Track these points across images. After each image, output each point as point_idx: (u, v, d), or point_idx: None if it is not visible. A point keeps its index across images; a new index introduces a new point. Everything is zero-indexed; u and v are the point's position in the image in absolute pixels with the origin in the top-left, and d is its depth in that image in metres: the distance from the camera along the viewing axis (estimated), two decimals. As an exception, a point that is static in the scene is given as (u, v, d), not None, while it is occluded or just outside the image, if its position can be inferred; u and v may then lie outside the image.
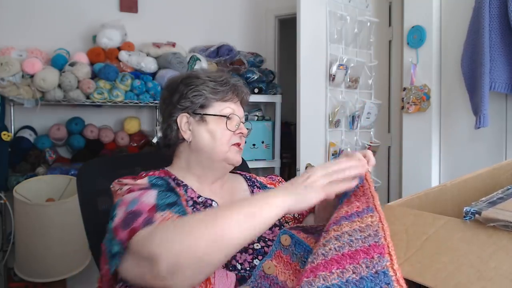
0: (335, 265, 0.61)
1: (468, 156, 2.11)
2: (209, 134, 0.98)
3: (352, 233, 0.66)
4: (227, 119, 0.99)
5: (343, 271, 0.60)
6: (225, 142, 0.98)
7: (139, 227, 0.75)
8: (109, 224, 0.82)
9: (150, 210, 0.80)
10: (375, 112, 2.41)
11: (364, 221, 0.68)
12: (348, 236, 0.66)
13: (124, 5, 2.80)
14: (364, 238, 0.64)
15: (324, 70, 2.26)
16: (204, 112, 0.99)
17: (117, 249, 0.76)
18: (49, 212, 1.98)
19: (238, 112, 1.02)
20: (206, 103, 0.99)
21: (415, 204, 0.80)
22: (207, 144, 0.98)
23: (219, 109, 1.00)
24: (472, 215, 0.64)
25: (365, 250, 0.62)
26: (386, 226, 0.66)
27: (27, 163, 2.40)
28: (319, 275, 0.60)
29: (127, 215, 0.79)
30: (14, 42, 2.43)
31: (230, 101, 1.01)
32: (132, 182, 0.92)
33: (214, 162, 0.99)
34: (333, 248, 0.64)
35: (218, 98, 1.00)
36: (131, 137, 2.72)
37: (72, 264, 2.05)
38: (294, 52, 2.21)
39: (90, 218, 1.13)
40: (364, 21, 2.37)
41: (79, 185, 1.15)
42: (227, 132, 0.98)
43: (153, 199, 0.83)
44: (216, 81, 1.01)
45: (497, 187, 0.79)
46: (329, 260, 0.62)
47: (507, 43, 1.83)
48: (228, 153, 0.99)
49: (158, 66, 2.57)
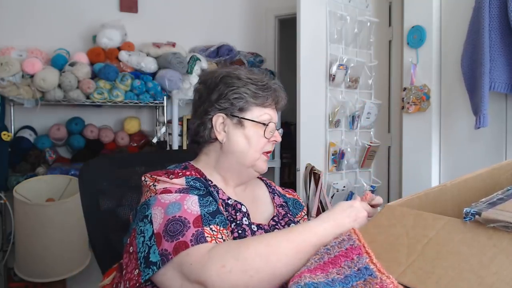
0: (319, 271, 0.64)
1: (468, 156, 2.11)
2: (245, 139, 0.96)
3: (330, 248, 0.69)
4: (266, 126, 0.96)
5: (327, 274, 0.63)
6: (258, 149, 0.97)
7: (189, 243, 0.74)
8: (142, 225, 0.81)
9: (196, 221, 0.78)
10: (375, 112, 2.41)
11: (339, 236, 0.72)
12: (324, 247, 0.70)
13: (124, 5, 2.80)
14: (340, 243, 0.68)
15: (324, 70, 2.26)
16: (242, 116, 0.96)
17: (157, 259, 0.75)
18: (49, 212, 1.98)
19: (274, 118, 1.00)
20: (245, 106, 0.96)
21: (415, 204, 0.80)
22: (241, 148, 0.96)
23: (258, 114, 0.96)
24: (472, 216, 0.63)
25: (343, 254, 0.65)
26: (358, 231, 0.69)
27: (27, 163, 2.41)
28: (304, 276, 0.63)
29: (170, 222, 0.77)
30: (14, 42, 2.43)
31: (269, 107, 0.99)
32: (168, 180, 0.88)
33: (243, 167, 0.98)
34: (313, 261, 0.67)
35: (258, 103, 0.97)
36: (131, 137, 2.72)
37: (72, 264, 2.05)
38: (294, 52, 2.21)
39: (92, 218, 1.13)
40: (364, 21, 2.37)
41: (81, 185, 1.15)
42: (262, 139, 0.96)
43: (197, 207, 0.82)
44: (258, 85, 0.97)
45: (497, 187, 0.79)
46: (312, 269, 0.65)
47: (507, 43, 1.83)
48: (258, 160, 0.97)
49: (158, 66, 2.57)
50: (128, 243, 0.85)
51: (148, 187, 0.89)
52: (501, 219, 0.59)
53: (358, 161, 2.43)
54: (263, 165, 0.99)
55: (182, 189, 0.86)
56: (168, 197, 0.83)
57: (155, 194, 0.85)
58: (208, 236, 0.77)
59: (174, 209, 0.80)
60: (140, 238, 0.80)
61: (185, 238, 0.75)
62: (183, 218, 0.78)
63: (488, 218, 0.61)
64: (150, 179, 0.89)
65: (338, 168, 2.34)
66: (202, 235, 0.76)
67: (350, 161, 2.38)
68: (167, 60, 2.52)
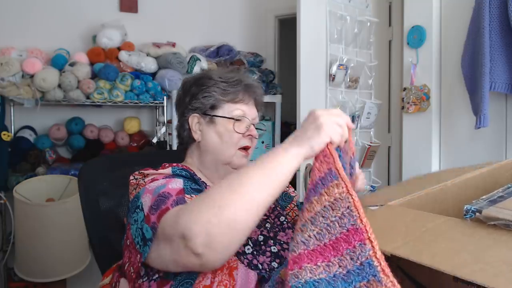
0: (319, 257, 0.60)
1: (468, 156, 2.11)
2: (217, 136, 0.98)
3: (325, 213, 0.63)
4: (235, 121, 0.98)
5: (328, 265, 0.60)
6: (232, 145, 0.97)
7: (170, 207, 0.75)
8: (135, 216, 0.81)
9: (179, 193, 0.80)
10: (375, 112, 2.41)
11: (331, 193, 0.64)
12: (323, 219, 0.63)
13: (124, 5, 2.80)
14: (340, 220, 0.62)
15: (324, 70, 2.26)
16: (214, 114, 0.99)
17: (150, 234, 0.75)
18: (49, 212, 1.98)
19: (249, 113, 1.01)
20: (216, 104, 0.99)
21: (415, 204, 0.80)
22: (214, 145, 0.98)
23: (229, 110, 0.99)
24: (473, 213, 0.64)
25: (345, 238, 0.60)
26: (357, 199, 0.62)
27: (27, 163, 2.40)
28: (304, 267, 0.60)
29: (156, 199, 0.79)
30: (14, 42, 2.43)
31: (241, 103, 1.00)
32: (155, 171, 0.92)
33: (219, 165, 0.99)
34: (312, 236, 0.63)
35: (228, 99, 0.99)
36: (131, 137, 2.72)
37: (72, 264, 2.05)
38: (294, 52, 2.21)
39: (92, 218, 1.13)
40: (364, 21, 2.37)
41: (80, 185, 1.15)
42: (235, 134, 0.97)
43: (181, 185, 0.83)
44: (228, 82, 1.00)
45: (498, 186, 0.79)
46: (311, 250, 0.61)
47: (507, 43, 1.83)
48: (233, 157, 0.98)
49: (158, 66, 2.57)
50: (125, 238, 0.85)
51: (136, 183, 0.92)
52: (502, 217, 0.59)
53: (358, 161, 2.43)
54: (240, 161, 0.99)
55: (168, 176, 0.90)
56: (154, 183, 0.86)
57: (144, 186, 0.87)
58: (188, 200, 0.77)
59: (159, 189, 0.82)
60: (134, 226, 0.80)
61: (166, 205, 0.76)
62: (167, 193, 0.80)
63: (488, 216, 0.62)
64: (139, 175, 0.94)
65: (338, 168, 2.33)
66: (183, 199, 0.77)
67: (350, 161, 2.37)
68: (167, 60, 2.52)
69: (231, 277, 0.80)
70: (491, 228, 0.61)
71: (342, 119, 0.74)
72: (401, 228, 0.67)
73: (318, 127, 0.70)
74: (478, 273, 0.50)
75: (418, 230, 0.65)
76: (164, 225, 0.72)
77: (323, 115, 0.72)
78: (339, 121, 0.73)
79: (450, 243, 0.60)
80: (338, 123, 0.73)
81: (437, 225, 0.66)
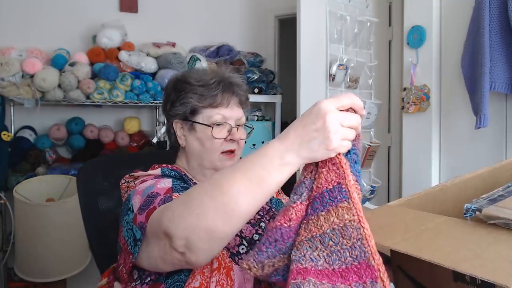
0: (325, 279, 0.59)
1: (468, 156, 2.11)
2: (198, 142, 0.96)
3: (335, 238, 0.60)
4: (215, 127, 0.95)
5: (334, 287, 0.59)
6: (213, 150, 0.95)
7: (157, 206, 0.75)
8: (126, 217, 0.82)
9: (167, 192, 0.80)
10: (375, 112, 2.41)
11: (340, 216, 0.60)
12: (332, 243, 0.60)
13: (124, 5, 2.80)
14: (351, 250, 0.59)
15: (324, 70, 2.26)
16: (194, 120, 0.97)
17: (139, 235, 0.76)
18: (49, 212, 1.98)
19: (231, 115, 0.97)
20: (195, 110, 0.97)
21: (415, 204, 0.80)
22: (197, 151, 0.97)
23: (208, 115, 0.96)
24: (473, 212, 0.64)
25: (355, 270, 0.58)
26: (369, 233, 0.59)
27: (27, 163, 2.41)
28: (308, 280, 0.58)
29: (145, 200, 0.79)
30: (14, 42, 2.43)
31: (221, 106, 0.97)
32: (144, 173, 0.93)
33: (204, 169, 0.99)
34: (322, 257, 0.61)
35: (206, 104, 0.96)
36: (131, 137, 2.72)
37: (72, 264, 2.05)
38: (294, 52, 2.21)
39: (91, 218, 1.13)
40: (364, 21, 2.37)
41: (79, 185, 1.15)
42: (215, 140, 0.95)
43: (169, 184, 0.84)
44: (205, 86, 0.96)
45: (498, 186, 0.79)
46: (319, 271, 0.60)
47: (507, 43, 1.83)
48: (217, 161, 0.96)
49: (158, 66, 2.57)
50: (119, 240, 0.85)
51: (127, 186, 0.93)
52: (502, 216, 0.59)
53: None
54: (225, 164, 0.97)
55: (157, 176, 0.90)
56: (144, 184, 0.86)
57: (134, 188, 0.88)
58: (175, 198, 0.77)
59: (148, 190, 0.82)
60: (125, 228, 0.81)
61: (154, 204, 0.76)
62: (155, 193, 0.80)
63: (488, 215, 0.62)
64: (129, 178, 0.95)
65: (338, 168, 2.33)
66: (170, 198, 0.77)
67: (350, 161, 2.37)
68: (167, 60, 2.52)
69: (228, 277, 0.80)
70: (491, 227, 0.61)
71: (355, 119, 0.62)
72: (401, 226, 0.67)
73: (324, 140, 0.58)
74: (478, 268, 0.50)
75: (418, 228, 0.65)
76: (151, 223, 0.73)
77: (333, 120, 0.58)
78: (351, 124, 0.61)
79: (449, 240, 0.60)
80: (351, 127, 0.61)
81: (437, 224, 0.66)
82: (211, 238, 0.63)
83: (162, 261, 0.72)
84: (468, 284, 0.61)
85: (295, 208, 0.64)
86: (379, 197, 2.58)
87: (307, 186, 0.64)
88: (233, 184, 0.61)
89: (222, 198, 0.61)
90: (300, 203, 0.64)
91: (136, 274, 0.83)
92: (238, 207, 0.61)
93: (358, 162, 0.67)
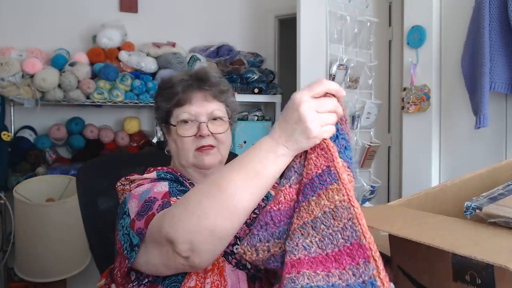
0: (320, 266, 0.59)
1: (468, 156, 2.11)
2: (173, 143, 0.99)
3: (326, 222, 0.61)
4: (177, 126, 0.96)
5: (328, 275, 0.58)
6: (186, 149, 0.95)
7: (156, 212, 0.75)
8: (122, 221, 0.82)
9: (164, 196, 0.80)
10: (375, 112, 2.41)
11: (331, 198, 0.61)
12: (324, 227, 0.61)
13: (124, 5, 2.80)
14: (342, 231, 0.59)
15: (324, 70, 2.26)
16: (169, 122, 0.99)
17: (137, 240, 0.76)
18: (49, 212, 1.98)
19: (198, 112, 0.96)
20: (169, 112, 0.98)
21: (415, 204, 0.80)
22: (174, 152, 1.00)
23: (176, 115, 0.97)
24: (473, 210, 0.64)
25: (348, 252, 0.58)
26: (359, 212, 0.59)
27: (27, 163, 2.40)
28: (303, 273, 0.59)
29: (143, 205, 0.79)
30: (14, 42, 2.43)
31: (186, 104, 0.96)
32: (140, 176, 0.93)
33: (186, 168, 0.99)
34: (314, 242, 0.61)
35: (173, 105, 0.97)
36: (131, 137, 2.72)
37: (72, 264, 2.05)
38: (294, 52, 2.21)
39: (90, 218, 1.14)
40: (364, 21, 2.37)
41: (78, 185, 1.15)
42: (184, 138, 0.95)
43: (166, 187, 0.84)
44: (170, 87, 0.98)
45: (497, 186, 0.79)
46: (312, 258, 0.60)
47: (507, 43, 1.83)
48: (193, 159, 0.96)
49: (158, 66, 2.57)
50: (116, 243, 0.86)
51: (123, 189, 0.94)
52: (502, 215, 0.59)
53: (358, 161, 2.43)
54: (202, 160, 0.95)
55: (153, 180, 0.90)
56: (140, 188, 0.86)
57: (129, 192, 0.88)
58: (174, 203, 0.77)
59: (145, 194, 0.82)
60: (121, 232, 0.81)
61: (152, 210, 0.76)
62: (153, 198, 0.80)
63: (489, 213, 0.62)
64: (125, 181, 0.95)
65: (338, 168, 2.33)
66: (168, 203, 0.77)
67: (350, 161, 2.37)
68: (167, 60, 2.52)
69: (222, 277, 0.80)
70: (491, 226, 0.61)
71: (330, 103, 0.63)
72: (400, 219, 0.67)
73: (304, 131, 0.61)
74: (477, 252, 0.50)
75: (418, 221, 0.65)
76: (151, 230, 0.73)
77: (307, 110, 0.60)
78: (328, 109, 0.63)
79: (449, 231, 0.60)
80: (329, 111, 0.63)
81: (437, 220, 0.66)
82: (215, 237, 0.63)
83: (164, 267, 0.72)
84: (468, 284, 0.61)
85: (283, 192, 0.66)
86: (379, 197, 2.58)
87: (296, 170, 0.66)
88: (230, 181, 0.62)
89: (221, 196, 0.62)
90: (289, 186, 0.66)
91: (134, 275, 0.83)
92: (238, 203, 0.62)
93: (348, 148, 0.68)
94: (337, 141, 0.66)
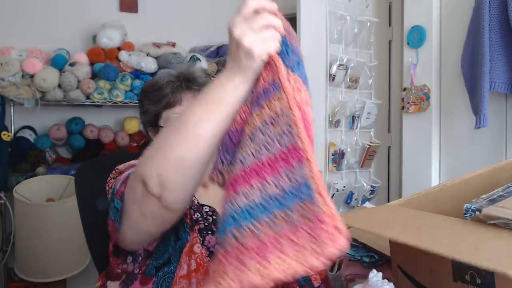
0: (255, 177, 0.57)
1: (468, 156, 2.11)
2: None
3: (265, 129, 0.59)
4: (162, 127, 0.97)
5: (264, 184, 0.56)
6: None
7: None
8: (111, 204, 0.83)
9: None
10: (375, 112, 2.42)
11: (272, 106, 0.59)
12: (262, 135, 0.59)
13: (124, 5, 2.80)
14: (279, 137, 0.57)
15: (324, 70, 2.26)
16: (159, 124, 0.99)
17: (120, 205, 0.77)
18: (49, 212, 1.98)
19: None
20: (158, 114, 0.98)
21: (415, 204, 0.80)
22: None
23: (166, 117, 0.97)
24: (473, 212, 0.64)
25: (284, 157, 0.56)
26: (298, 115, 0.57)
27: (27, 163, 2.40)
28: (240, 192, 0.57)
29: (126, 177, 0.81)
30: (14, 42, 2.43)
31: (176, 105, 0.97)
32: (127, 164, 0.94)
33: None
34: (250, 153, 0.59)
35: (162, 107, 0.97)
36: (131, 137, 2.72)
37: (72, 264, 2.05)
38: (294, 52, 2.20)
39: (89, 219, 1.13)
40: (364, 21, 2.37)
41: (77, 185, 1.15)
42: None
43: None
44: (157, 89, 0.97)
45: (498, 186, 0.79)
46: (249, 170, 0.58)
47: (507, 43, 1.83)
48: None
49: (158, 66, 2.57)
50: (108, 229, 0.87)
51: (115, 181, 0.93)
52: (502, 216, 0.59)
53: (358, 161, 2.43)
54: None
55: None
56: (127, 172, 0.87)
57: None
58: None
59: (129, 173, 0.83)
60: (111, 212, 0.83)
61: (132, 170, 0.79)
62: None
63: (488, 215, 0.62)
64: (115, 173, 0.94)
65: (338, 168, 2.34)
66: None
67: (350, 161, 2.38)
68: (167, 60, 2.52)
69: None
70: (491, 227, 0.61)
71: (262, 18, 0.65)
72: (400, 221, 0.67)
73: (247, 53, 0.61)
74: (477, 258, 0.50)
75: (418, 223, 0.65)
76: (129, 184, 0.75)
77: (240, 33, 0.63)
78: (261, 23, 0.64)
79: (449, 234, 0.60)
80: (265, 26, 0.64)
81: (436, 221, 0.66)
82: (182, 167, 0.64)
83: (141, 216, 0.72)
84: (468, 284, 0.61)
85: (240, 112, 0.66)
86: (379, 197, 2.58)
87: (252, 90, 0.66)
88: (193, 113, 0.65)
89: (185, 127, 0.64)
90: (244, 105, 0.66)
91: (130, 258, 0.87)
92: (202, 132, 0.63)
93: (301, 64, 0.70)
94: (288, 56, 0.66)
